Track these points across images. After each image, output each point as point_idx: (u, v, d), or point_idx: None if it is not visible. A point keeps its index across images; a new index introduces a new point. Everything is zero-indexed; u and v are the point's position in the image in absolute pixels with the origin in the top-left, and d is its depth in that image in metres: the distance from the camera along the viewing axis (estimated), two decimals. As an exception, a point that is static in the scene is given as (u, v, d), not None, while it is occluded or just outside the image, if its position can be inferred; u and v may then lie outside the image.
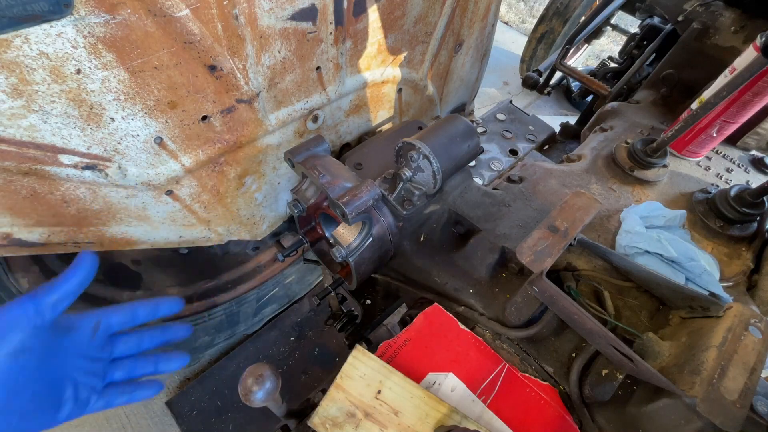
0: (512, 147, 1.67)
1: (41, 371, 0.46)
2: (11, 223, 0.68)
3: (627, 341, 0.70)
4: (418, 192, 0.82)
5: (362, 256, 0.80)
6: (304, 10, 0.75)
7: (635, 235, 0.87)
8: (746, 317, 0.64)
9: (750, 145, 1.25)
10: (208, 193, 0.90)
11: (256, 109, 0.82)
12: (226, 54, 0.69)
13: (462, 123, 0.82)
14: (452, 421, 0.61)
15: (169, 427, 1.46)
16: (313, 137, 0.85)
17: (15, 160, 0.61)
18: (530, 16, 4.05)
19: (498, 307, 0.80)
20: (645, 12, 1.92)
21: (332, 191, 0.74)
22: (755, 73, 0.80)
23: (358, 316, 1.09)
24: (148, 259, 1.25)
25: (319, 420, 0.59)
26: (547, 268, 0.67)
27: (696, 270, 0.82)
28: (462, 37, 1.23)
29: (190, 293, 1.39)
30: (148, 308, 0.58)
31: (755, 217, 0.94)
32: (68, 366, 0.50)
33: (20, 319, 0.45)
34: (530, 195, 0.98)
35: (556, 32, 2.67)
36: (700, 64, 1.30)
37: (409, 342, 0.73)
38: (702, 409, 0.54)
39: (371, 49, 0.97)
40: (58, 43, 0.52)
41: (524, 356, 0.77)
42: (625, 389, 0.70)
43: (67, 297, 0.49)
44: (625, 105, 1.40)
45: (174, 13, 0.58)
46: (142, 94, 0.64)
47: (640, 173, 1.05)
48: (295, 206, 0.88)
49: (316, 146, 0.83)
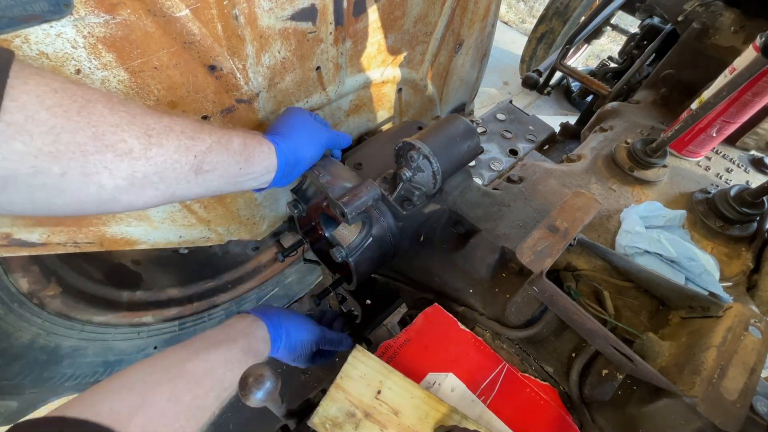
0: (512, 147, 1.67)
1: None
2: (11, 223, 0.68)
3: (627, 341, 0.70)
4: (418, 192, 0.82)
5: (362, 256, 0.80)
6: (304, 10, 0.75)
7: (635, 235, 0.87)
8: (746, 317, 0.64)
9: (750, 145, 1.25)
10: (208, 193, 0.90)
11: (256, 109, 0.82)
12: (226, 54, 0.69)
13: (462, 123, 0.82)
14: (452, 421, 0.61)
15: (169, 427, 1.46)
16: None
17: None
18: (530, 16, 4.05)
19: (498, 307, 0.80)
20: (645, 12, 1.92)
21: (332, 191, 0.74)
22: (755, 73, 0.80)
23: (358, 316, 1.09)
24: (148, 259, 1.25)
25: (319, 420, 0.59)
26: (547, 268, 0.67)
27: (696, 270, 0.82)
28: (462, 37, 1.23)
29: (190, 293, 1.39)
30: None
31: (755, 217, 0.94)
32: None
33: (325, 138, 0.81)
34: (530, 195, 0.98)
35: (556, 32, 2.67)
36: (700, 64, 1.30)
37: (409, 342, 0.73)
38: (702, 409, 0.54)
39: (371, 49, 0.97)
40: (57, 43, 0.52)
41: (524, 356, 0.77)
42: (625, 389, 0.70)
43: (337, 147, 0.87)
44: (625, 105, 1.40)
45: (174, 14, 0.58)
46: (141, 94, 0.64)
47: (640, 173, 1.05)
48: (295, 206, 0.88)
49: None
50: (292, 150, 0.71)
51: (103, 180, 0.46)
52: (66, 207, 0.46)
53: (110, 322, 1.16)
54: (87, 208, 0.48)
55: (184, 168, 0.54)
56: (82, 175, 0.44)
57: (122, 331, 1.19)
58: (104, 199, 0.48)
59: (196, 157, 0.55)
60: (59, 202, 0.45)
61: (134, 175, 0.48)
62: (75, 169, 0.43)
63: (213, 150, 0.57)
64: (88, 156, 0.44)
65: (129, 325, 1.21)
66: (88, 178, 0.45)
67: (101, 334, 1.13)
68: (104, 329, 1.14)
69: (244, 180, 0.65)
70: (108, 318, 1.15)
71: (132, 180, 0.49)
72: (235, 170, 0.62)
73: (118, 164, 0.47)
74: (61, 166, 0.42)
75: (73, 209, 0.47)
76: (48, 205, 0.45)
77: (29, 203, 0.43)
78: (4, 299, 0.88)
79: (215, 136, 0.58)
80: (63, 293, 1.01)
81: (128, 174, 0.48)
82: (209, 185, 0.59)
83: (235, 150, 0.61)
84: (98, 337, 1.13)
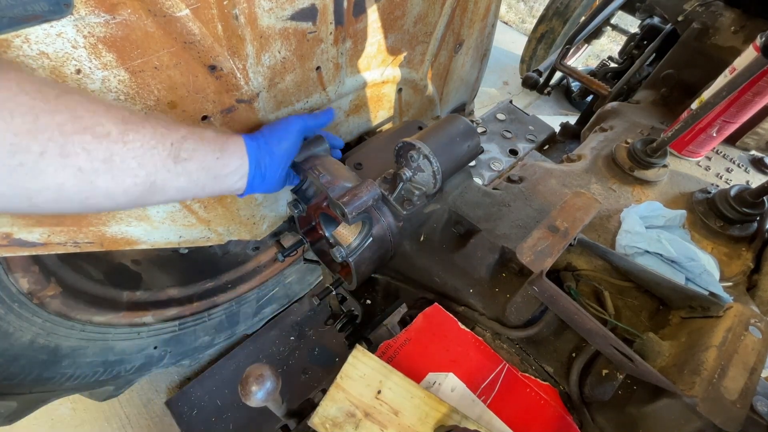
0: (512, 147, 1.67)
1: (291, 157, 0.77)
2: (11, 223, 0.68)
3: (627, 341, 0.70)
4: (418, 192, 0.82)
5: (362, 256, 0.80)
6: (304, 10, 0.75)
7: (635, 235, 0.87)
8: (746, 317, 0.64)
9: (750, 145, 1.25)
10: (208, 193, 0.90)
11: (256, 109, 0.82)
12: (226, 54, 0.69)
13: (462, 123, 0.82)
14: (452, 421, 0.61)
15: (169, 426, 1.46)
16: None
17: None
18: (530, 16, 4.05)
19: (498, 307, 0.80)
20: (645, 12, 1.92)
21: (332, 191, 0.74)
22: (755, 73, 0.80)
23: (358, 316, 1.09)
24: (148, 259, 1.25)
25: (319, 420, 0.60)
26: (547, 268, 0.67)
27: (696, 270, 0.82)
28: (462, 37, 1.23)
29: (190, 293, 1.39)
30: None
31: (755, 217, 0.94)
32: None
33: (297, 125, 0.77)
34: (530, 195, 0.98)
35: (556, 32, 2.67)
36: (700, 64, 1.30)
37: (409, 342, 0.73)
38: (702, 409, 0.54)
39: (371, 49, 0.97)
40: (58, 43, 0.52)
41: (524, 356, 0.77)
42: (625, 389, 0.70)
43: (318, 128, 0.83)
44: (625, 105, 1.40)
45: (174, 13, 0.58)
46: (142, 94, 0.64)
47: (640, 173, 1.05)
48: (295, 206, 0.88)
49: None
50: (260, 138, 0.72)
51: (80, 162, 0.46)
52: (43, 192, 0.46)
53: (110, 322, 1.15)
54: (65, 195, 0.48)
55: (162, 155, 0.54)
56: (61, 156, 0.45)
57: (122, 331, 1.19)
58: (82, 185, 0.48)
59: (173, 145, 0.56)
60: (36, 186, 0.45)
61: (112, 158, 0.49)
62: (53, 149, 0.44)
63: (188, 139, 0.58)
64: (67, 136, 0.44)
65: (129, 325, 1.21)
66: (67, 159, 0.45)
67: (101, 334, 1.13)
68: (104, 329, 1.14)
69: (223, 174, 0.65)
70: (108, 318, 1.15)
71: (110, 164, 0.49)
72: (212, 160, 0.62)
73: (96, 146, 0.47)
74: (40, 145, 0.43)
75: (51, 196, 0.47)
76: (25, 191, 0.45)
77: (7, 186, 0.43)
78: (4, 299, 0.88)
79: (189, 128, 0.60)
80: (63, 293, 1.01)
81: (106, 156, 0.48)
82: (190, 177, 0.59)
83: (209, 140, 0.62)
84: (98, 337, 1.13)
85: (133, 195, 0.54)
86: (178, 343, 1.38)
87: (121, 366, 1.23)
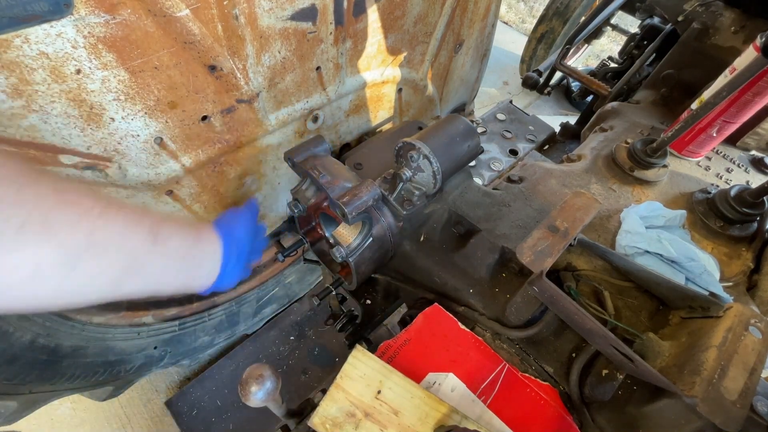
0: (512, 147, 1.67)
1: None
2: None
3: (627, 341, 0.70)
4: (418, 192, 0.82)
5: (362, 256, 0.80)
6: (304, 10, 0.75)
7: (635, 235, 0.87)
8: (746, 317, 0.64)
9: (750, 145, 1.25)
10: (208, 193, 0.90)
11: (256, 109, 0.82)
12: (226, 54, 0.69)
13: (462, 123, 0.82)
14: (452, 421, 0.61)
15: (169, 426, 1.46)
16: (313, 137, 0.85)
17: (15, 160, 0.60)
18: (530, 16, 4.05)
19: (498, 307, 0.80)
20: (645, 12, 1.92)
21: (332, 191, 0.74)
22: (755, 73, 0.80)
23: (358, 316, 1.08)
24: (148, 259, 1.25)
25: (319, 420, 0.59)
26: (547, 268, 0.67)
27: (696, 270, 0.82)
28: (462, 37, 1.23)
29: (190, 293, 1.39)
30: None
31: (755, 217, 0.94)
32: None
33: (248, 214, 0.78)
34: (530, 195, 0.98)
35: (556, 32, 2.67)
36: (700, 64, 1.30)
37: (409, 342, 0.73)
38: (702, 409, 0.54)
39: (371, 49, 0.97)
40: (58, 43, 0.52)
41: (524, 356, 0.77)
42: (625, 389, 0.70)
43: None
44: (625, 105, 1.40)
45: (174, 13, 0.58)
46: (142, 94, 0.64)
47: (640, 173, 1.05)
48: (295, 206, 0.88)
49: (316, 146, 0.83)
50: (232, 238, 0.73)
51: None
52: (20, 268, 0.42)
53: (110, 322, 1.15)
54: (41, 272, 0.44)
55: (143, 233, 0.53)
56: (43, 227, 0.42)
57: (122, 331, 1.19)
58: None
59: (151, 227, 0.54)
60: (11, 261, 0.40)
61: (94, 233, 0.46)
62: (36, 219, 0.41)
63: (166, 221, 0.58)
64: (49, 210, 0.42)
65: (129, 325, 1.21)
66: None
67: (101, 334, 1.13)
68: (104, 329, 1.14)
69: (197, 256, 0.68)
70: (108, 318, 1.15)
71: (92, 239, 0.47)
72: (188, 247, 0.63)
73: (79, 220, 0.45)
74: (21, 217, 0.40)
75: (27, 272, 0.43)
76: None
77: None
78: (4, 299, 0.88)
79: (163, 214, 0.60)
80: (63, 293, 1.01)
81: (89, 231, 0.46)
82: (167, 258, 0.58)
83: (184, 226, 0.63)
84: (98, 337, 1.13)
85: (112, 275, 0.50)
86: (178, 343, 1.38)
87: (121, 366, 1.23)
